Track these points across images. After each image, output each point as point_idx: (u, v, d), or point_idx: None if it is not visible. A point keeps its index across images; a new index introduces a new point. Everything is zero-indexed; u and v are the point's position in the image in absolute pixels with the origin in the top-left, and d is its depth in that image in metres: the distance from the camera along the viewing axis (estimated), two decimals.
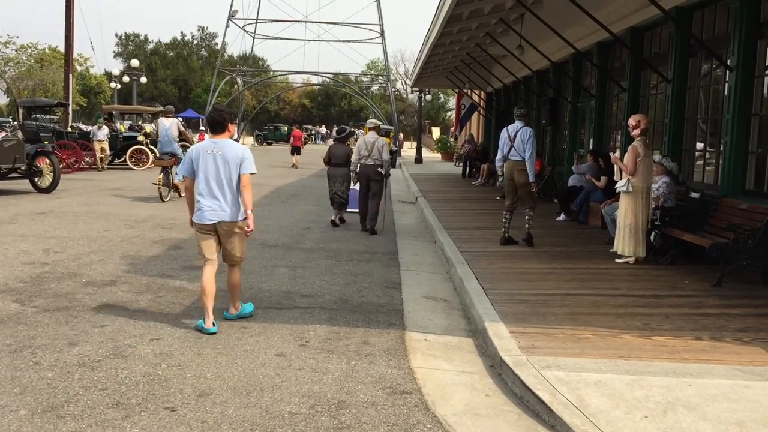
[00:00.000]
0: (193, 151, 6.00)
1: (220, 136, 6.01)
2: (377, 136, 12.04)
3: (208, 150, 5.92)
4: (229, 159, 5.88)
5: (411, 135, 69.50)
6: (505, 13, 14.89)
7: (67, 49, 27.87)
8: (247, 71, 67.26)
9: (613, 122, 14.88)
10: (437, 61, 22.62)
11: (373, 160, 11.86)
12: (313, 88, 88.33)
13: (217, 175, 5.88)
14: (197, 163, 5.94)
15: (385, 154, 11.90)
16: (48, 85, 49.66)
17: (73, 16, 27.37)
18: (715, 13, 10.20)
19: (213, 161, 5.87)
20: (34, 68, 51.35)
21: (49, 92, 48.29)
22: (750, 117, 8.91)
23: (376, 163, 11.87)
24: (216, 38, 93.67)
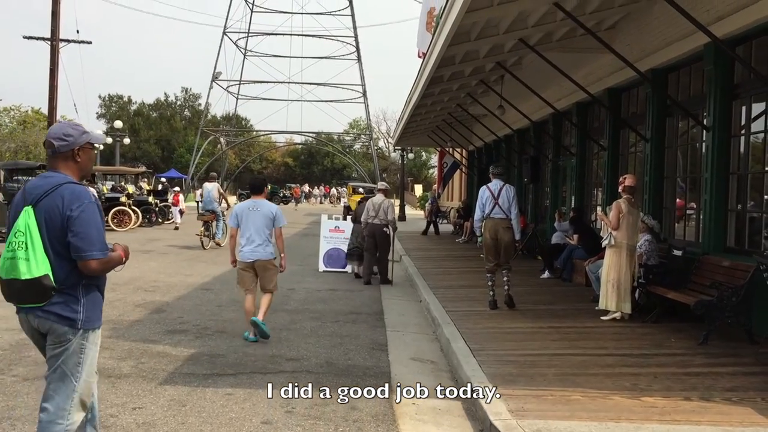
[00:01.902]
0: (239, 209, 7.98)
1: (259, 197, 8.10)
2: (384, 198, 13.08)
3: (250, 207, 7.94)
4: (265, 214, 7.90)
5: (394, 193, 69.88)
6: (485, 75, 15.22)
7: (50, 111, 27.98)
8: (231, 131, 67.79)
9: (594, 180, 15.08)
10: (419, 121, 22.94)
11: (380, 219, 12.82)
12: (296, 146, 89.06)
13: (256, 226, 7.84)
14: (242, 217, 7.93)
15: (390, 214, 12.82)
16: (30, 147, 49.68)
17: (57, 79, 27.58)
18: (690, 75, 10.48)
19: (254, 216, 7.87)
20: (17, 130, 51.43)
21: (31, 154, 48.25)
22: (728, 175, 9.07)
23: (382, 222, 12.82)
24: (200, 99, 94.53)
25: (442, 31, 9.98)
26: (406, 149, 42.35)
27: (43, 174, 3.58)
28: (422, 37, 26.29)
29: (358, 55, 58.95)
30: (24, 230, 3.34)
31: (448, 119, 22.37)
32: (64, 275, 3.42)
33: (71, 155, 3.54)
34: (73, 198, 3.40)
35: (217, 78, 57.34)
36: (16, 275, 3.32)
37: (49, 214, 3.39)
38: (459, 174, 33.95)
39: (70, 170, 3.55)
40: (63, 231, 3.39)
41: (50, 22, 27.91)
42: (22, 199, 3.45)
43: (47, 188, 3.43)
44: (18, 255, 3.33)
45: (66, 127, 3.56)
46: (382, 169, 68.74)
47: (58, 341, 3.50)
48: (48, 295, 3.37)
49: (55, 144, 3.50)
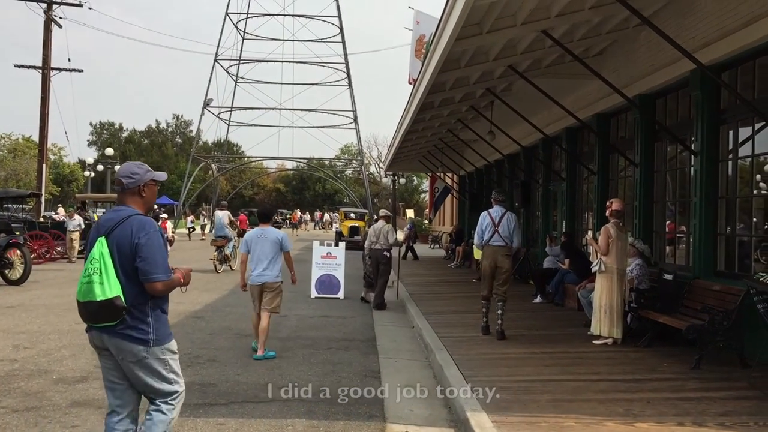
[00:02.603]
0: (249, 236, 8.72)
1: (266, 225, 8.82)
2: (384, 224, 13.59)
3: (258, 235, 8.67)
4: (272, 240, 8.62)
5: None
6: (475, 101, 15.35)
7: (41, 140, 27.98)
8: (222, 157, 67.85)
9: (584, 204, 15.16)
10: (410, 146, 23.07)
11: (381, 244, 13.37)
12: (287, 172, 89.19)
13: (264, 252, 8.55)
14: (251, 244, 8.65)
15: (390, 238, 13.37)
16: (21, 174, 49.57)
17: (48, 107, 27.62)
18: (677, 100, 10.61)
19: (262, 242, 8.59)
20: (7, 158, 51.34)
21: (22, 182, 48.14)
22: (717, 199, 9.15)
23: (383, 247, 13.37)
24: (191, 125, 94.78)
25: (433, 58, 10.08)
26: (398, 174, 42.49)
27: (114, 208, 4.04)
28: (413, 63, 26.53)
29: (348, 82, 59.28)
30: (98, 257, 3.77)
31: (439, 144, 22.50)
32: (134, 297, 3.83)
33: (137, 191, 4.02)
34: (140, 227, 3.84)
35: (209, 105, 57.44)
36: (92, 297, 3.74)
37: (120, 243, 3.83)
38: (450, 199, 34.06)
39: (137, 204, 4.02)
40: (132, 257, 3.81)
41: (42, 51, 28.03)
42: (96, 231, 3.90)
43: (118, 220, 3.87)
44: (93, 279, 3.75)
45: (133, 167, 4.05)
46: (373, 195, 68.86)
47: (135, 359, 3.89)
48: (120, 314, 3.78)
49: (124, 181, 3.99)
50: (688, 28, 9.40)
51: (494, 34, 9.42)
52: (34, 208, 28.55)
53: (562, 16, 9.18)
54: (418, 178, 79.39)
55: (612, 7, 9.07)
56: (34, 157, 39.99)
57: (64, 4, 28.53)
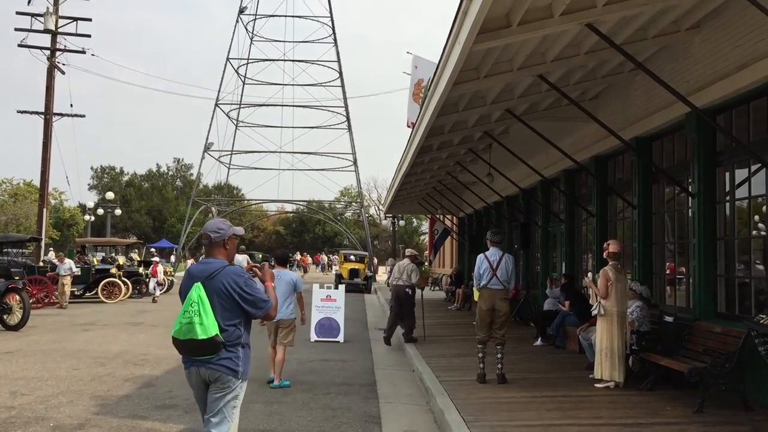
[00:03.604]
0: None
1: (282, 268, 9.78)
2: (409, 262, 14.32)
3: (276, 276, 8.75)
4: (287, 281, 9.44)
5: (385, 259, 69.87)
6: (473, 144, 15.49)
7: (42, 184, 28.11)
8: (222, 200, 68.05)
9: (583, 246, 15.18)
10: (410, 189, 23.17)
11: (403, 281, 14.05)
12: (287, 215, 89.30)
13: (280, 292, 8.79)
14: None
15: (413, 277, 14.11)
16: (21, 219, 49.67)
17: (49, 152, 27.81)
18: (674, 143, 10.70)
19: (278, 283, 8.70)
20: (8, 203, 51.50)
21: (22, 226, 48.20)
22: (715, 241, 9.17)
23: (405, 283, 14.02)
24: (191, 169, 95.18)
25: (431, 102, 10.19)
26: (397, 217, 42.62)
27: (203, 260, 4.63)
28: (411, 107, 26.82)
29: (348, 125, 59.78)
30: (197, 301, 4.25)
31: (438, 187, 22.61)
32: (228, 335, 4.35)
33: (222, 244, 4.59)
34: (235, 276, 4.43)
35: (209, 148, 57.83)
36: (193, 336, 4.22)
37: (218, 289, 4.37)
38: (450, 241, 34.07)
39: (222, 255, 4.58)
40: (229, 301, 4.37)
41: (44, 97, 28.33)
42: (191, 279, 4.42)
43: (212, 270, 4.43)
44: (194, 320, 4.23)
45: (218, 223, 4.67)
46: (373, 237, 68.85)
47: (223, 388, 4.39)
48: (218, 349, 4.30)
49: (212, 236, 4.57)
50: (682, 73, 9.54)
51: (491, 79, 9.55)
52: (34, 252, 28.55)
53: (558, 61, 9.32)
54: (418, 219, 79.51)
55: (607, 53, 9.21)
56: (35, 201, 40.14)
57: (67, 51, 28.96)
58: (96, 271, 25.77)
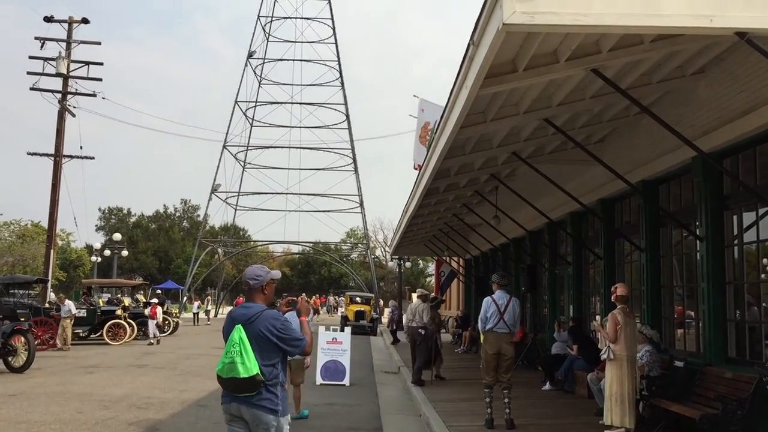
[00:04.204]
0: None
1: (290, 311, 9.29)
2: (421, 303, 14.44)
3: None
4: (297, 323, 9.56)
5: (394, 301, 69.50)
6: (480, 186, 15.53)
7: (50, 225, 28.23)
8: (229, 241, 68.14)
9: (591, 288, 15.09)
10: (416, 230, 23.19)
11: (416, 322, 14.13)
12: (293, 256, 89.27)
13: None
14: None
15: (425, 317, 14.13)
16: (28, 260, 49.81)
17: (58, 195, 27.99)
18: (680, 186, 10.71)
19: None
20: (15, 244, 51.69)
21: (29, 267, 48.31)
22: (725, 285, 9.11)
23: (419, 324, 14.09)
24: (198, 210, 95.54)
25: (438, 145, 10.25)
26: (404, 258, 42.53)
27: (244, 304, 4.89)
28: (417, 149, 26.98)
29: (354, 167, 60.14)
30: (238, 342, 4.54)
31: (445, 228, 22.61)
32: (268, 374, 4.64)
33: (261, 289, 4.89)
34: (273, 320, 4.72)
35: (217, 190, 58.15)
36: (235, 374, 4.51)
37: (257, 332, 4.65)
38: (456, 283, 33.93)
39: (261, 299, 4.88)
40: (268, 343, 4.65)
41: (54, 140, 28.63)
42: (232, 322, 4.72)
43: (252, 314, 4.72)
44: (236, 360, 4.52)
45: (257, 270, 4.96)
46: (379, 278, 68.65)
47: (265, 428, 4.64)
48: (258, 387, 4.57)
49: (251, 283, 4.88)
50: (688, 117, 9.60)
51: (498, 122, 9.62)
52: (41, 293, 28.54)
53: (564, 105, 9.39)
54: (424, 261, 79.32)
55: (612, 97, 9.29)
56: (42, 242, 40.28)
57: (78, 95, 29.36)
58: (101, 313, 25.72)
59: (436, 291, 37.49)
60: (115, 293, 33.96)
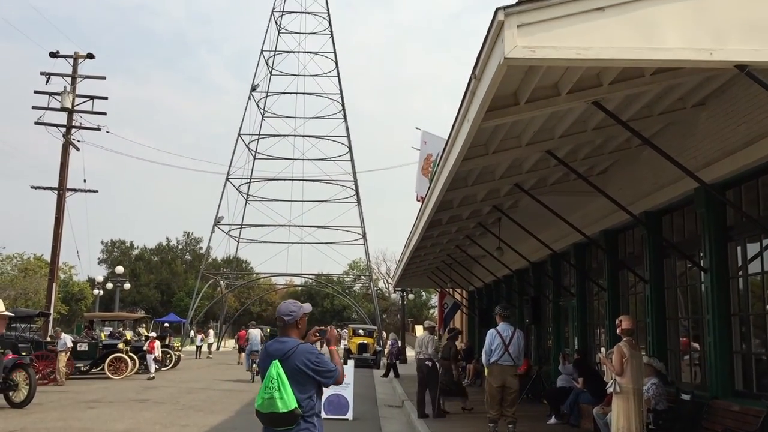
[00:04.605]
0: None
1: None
2: (428, 335, 14.46)
3: None
4: None
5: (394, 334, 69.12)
6: (482, 218, 15.53)
7: (53, 259, 28.22)
8: (231, 274, 68.03)
9: (595, 320, 15.00)
10: (419, 262, 23.13)
11: (424, 354, 14.08)
12: (296, 288, 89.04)
13: None
14: None
15: (430, 348, 14.14)
16: (30, 293, 49.72)
17: (61, 228, 28.02)
18: (684, 217, 10.70)
19: None
20: (18, 278, 51.65)
21: (31, 301, 48.20)
22: (730, 317, 9.05)
23: (425, 357, 14.04)
24: (201, 243, 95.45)
25: (440, 178, 10.28)
26: (407, 290, 42.40)
27: (278, 339, 5.05)
28: (420, 181, 27.03)
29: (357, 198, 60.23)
30: (276, 377, 4.69)
31: (448, 260, 22.55)
32: (305, 406, 4.77)
33: (295, 324, 5.05)
34: (309, 353, 4.88)
35: (219, 222, 58.18)
36: (274, 409, 4.65)
37: (293, 366, 4.80)
38: (460, 315, 33.76)
39: (295, 334, 5.05)
40: (304, 376, 4.80)
41: (58, 173, 28.76)
42: (269, 357, 4.88)
43: (287, 349, 4.89)
44: (275, 395, 4.67)
45: (290, 305, 5.11)
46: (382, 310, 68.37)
47: None
48: (297, 420, 4.72)
49: (285, 319, 5.04)
50: (689, 148, 9.62)
51: (500, 154, 9.64)
52: (42, 327, 28.42)
53: (566, 137, 9.42)
54: (427, 293, 79.05)
55: (614, 129, 9.32)
56: (45, 276, 40.23)
57: (83, 129, 29.56)
58: (103, 347, 25.58)
59: (439, 323, 37.27)
60: (117, 327, 33.79)
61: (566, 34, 5.22)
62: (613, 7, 5.26)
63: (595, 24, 5.25)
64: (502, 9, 5.24)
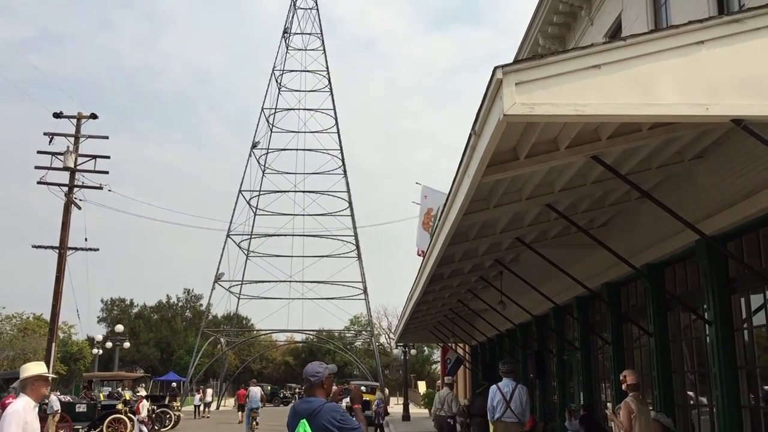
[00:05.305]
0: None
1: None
2: (449, 391, 14.74)
3: None
4: None
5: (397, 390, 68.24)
6: (484, 271, 15.50)
7: (52, 318, 28.05)
8: (231, 331, 67.52)
9: (600, 374, 14.83)
10: (421, 317, 22.98)
11: (445, 411, 14.26)
12: (296, 345, 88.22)
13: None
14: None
15: (453, 406, 14.41)
16: (29, 354, 49.25)
17: (62, 287, 27.94)
18: (686, 269, 10.68)
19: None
20: (17, 338, 51.27)
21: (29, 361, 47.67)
22: (737, 370, 8.95)
23: (447, 414, 14.22)
24: (201, 299, 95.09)
25: (441, 232, 10.30)
26: (409, 345, 42.00)
27: (305, 399, 5.36)
28: (420, 236, 27.10)
29: (358, 253, 60.30)
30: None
31: (450, 315, 22.42)
32: None
33: (321, 384, 5.35)
34: (333, 412, 5.17)
35: (220, 279, 58.09)
36: None
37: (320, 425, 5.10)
38: (463, 370, 33.37)
39: (321, 393, 5.35)
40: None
41: (60, 232, 28.82)
42: (295, 415, 5.22)
43: (314, 408, 5.18)
44: None
45: (316, 367, 5.44)
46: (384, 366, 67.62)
47: None
48: None
49: (312, 379, 5.36)
50: (689, 200, 9.66)
51: (501, 209, 9.68)
52: None
53: (566, 190, 9.47)
54: (429, 348, 78.31)
55: (613, 182, 9.38)
56: (44, 335, 39.92)
57: (85, 188, 29.74)
58: (102, 407, 25.23)
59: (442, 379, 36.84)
60: (115, 387, 33.40)
61: (564, 91, 5.31)
62: (609, 64, 5.38)
63: (591, 81, 5.35)
64: (500, 67, 5.35)
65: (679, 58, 5.45)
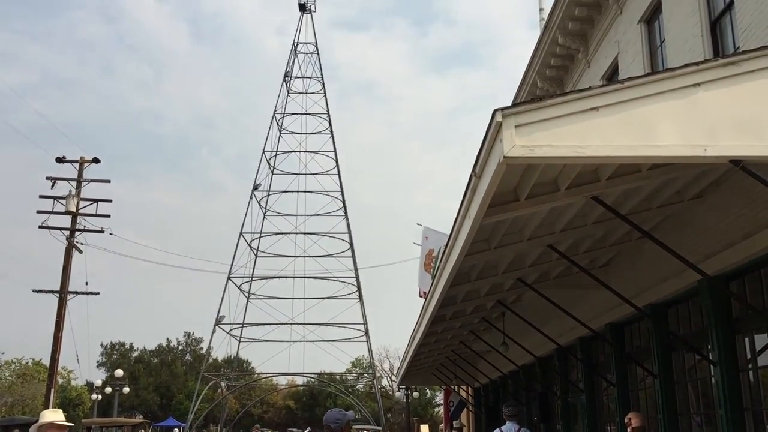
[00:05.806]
0: None
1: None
2: None
3: None
4: None
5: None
6: (486, 312, 15.43)
7: (52, 364, 27.85)
8: (232, 375, 66.88)
9: (605, 416, 14.65)
10: (423, 359, 22.80)
11: None
12: (297, 388, 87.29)
13: None
14: None
15: None
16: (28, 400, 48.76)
17: (61, 332, 27.79)
18: (689, 309, 10.63)
19: None
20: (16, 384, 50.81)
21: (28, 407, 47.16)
22: (743, 412, 8.85)
23: None
24: (202, 343, 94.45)
25: (443, 274, 10.28)
26: (411, 388, 41.58)
27: None
28: (422, 277, 27.02)
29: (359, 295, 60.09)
30: None
31: (452, 356, 22.24)
32: None
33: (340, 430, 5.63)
34: None
35: (220, 322, 57.79)
36: None
37: None
38: (466, 413, 32.96)
39: None
40: None
41: (60, 276, 28.78)
42: None
43: None
44: None
45: (336, 414, 5.74)
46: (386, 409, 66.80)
47: None
48: None
49: (332, 426, 5.66)
50: (690, 240, 9.66)
51: (502, 250, 9.69)
52: None
53: (567, 231, 9.49)
54: (432, 390, 77.47)
55: (613, 222, 9.41)
56: (43, 381, 39.56)
57: (86, 231, 29.78)
58: None
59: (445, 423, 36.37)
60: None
61: (563, 133, 5.37)
62: (607, 107, 5.44)
63: (590, 123, 5.41)
64: (500, 110, 5.42)
65: (677, 100, 5.52)
